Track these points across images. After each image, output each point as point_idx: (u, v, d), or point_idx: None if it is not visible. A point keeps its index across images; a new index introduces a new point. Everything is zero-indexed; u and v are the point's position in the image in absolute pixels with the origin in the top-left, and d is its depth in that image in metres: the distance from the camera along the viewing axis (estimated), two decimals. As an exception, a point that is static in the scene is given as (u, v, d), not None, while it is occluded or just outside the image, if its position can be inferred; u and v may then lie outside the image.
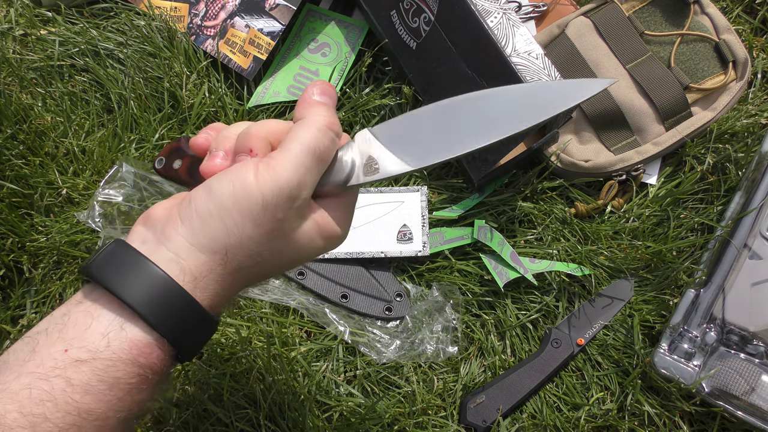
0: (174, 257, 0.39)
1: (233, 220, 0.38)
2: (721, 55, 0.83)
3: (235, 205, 0.38)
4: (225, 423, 0.72)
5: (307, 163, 0.39)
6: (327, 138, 0.41)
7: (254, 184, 0.38)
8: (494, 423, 0.73)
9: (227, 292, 0.41)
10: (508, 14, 0.77)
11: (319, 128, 0.40)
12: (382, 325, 0.79)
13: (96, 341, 0.36)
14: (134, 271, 0.38)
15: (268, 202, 0.38)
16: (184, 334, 0.39)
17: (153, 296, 0.37)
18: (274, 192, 0.38)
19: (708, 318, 0.75)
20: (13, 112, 0.81)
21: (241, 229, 0.38)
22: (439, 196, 0.84)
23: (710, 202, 0.84)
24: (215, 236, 0.39)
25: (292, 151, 0.39)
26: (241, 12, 0.88)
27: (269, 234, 0.39)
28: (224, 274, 0.39)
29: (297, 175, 0.39)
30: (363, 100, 0.86)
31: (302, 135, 0.40)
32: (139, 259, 0.38)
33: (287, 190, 0.39)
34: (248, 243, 0.39)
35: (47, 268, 0.78)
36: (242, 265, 0.40)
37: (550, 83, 0.42)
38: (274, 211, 0.39)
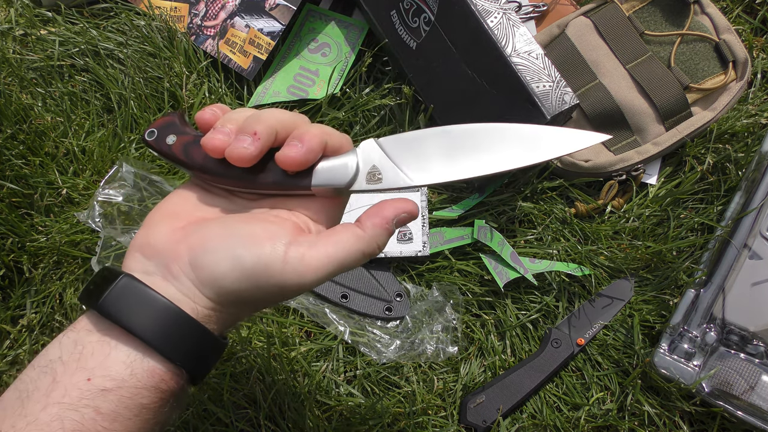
0: (185, 298, 0.39)
1: (246, 290, 0.39)
2: (721, 55, 0.83)
3: (252, 277, 0.39)
4: (225, 423, 0.72)
5: (333, 271, 0.40)
6: (361, 258, 0.41)
7: (280, 268, 0.39)
8: (494, 423, 0.73)
9: (235, 320, 0.42)
10: (508, 14, 0.77)
11: (364, 252, 0.41)
12: (382, 325, 0.79)
13: (120, 370, 0.37)
14: (148, 307, 0.38)
15: (286, 290, 0.39)
16: (199, 360, 0.40)
17: (169, 331, 0.38)
18: (297, 287, 0.39)
19: (708, 318, 0.75)
20: (13, 112, 0.81)
21: (250, 296, 0.40)
22: (439, 196, 0.84)
23: (710, 202, 0.84)
24: (224, 295, 0.39)
25: (331, 254, 0.40)
26: (241, 12, 0.88)
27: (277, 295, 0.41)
28: (231, 311, 0.41)
29: (321, 279, 0.40)
30: (363, 100, 0.86)
31: (351, 245, 0.41)
32: (152, 296, 0.39)
33: (308, 287, 0.40)
34: (255, 302, 0.41)
35: (47, 268, 0.78)
36: (249, 304, 0.41)
37: (558, 130, 0.44)
38: (287, 293, 0.40)
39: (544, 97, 0.74)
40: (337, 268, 0.40)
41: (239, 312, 0.41)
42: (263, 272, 0.39)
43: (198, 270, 0.39)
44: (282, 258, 0.39)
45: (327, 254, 0.40)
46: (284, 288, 0.39)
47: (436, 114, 0.82)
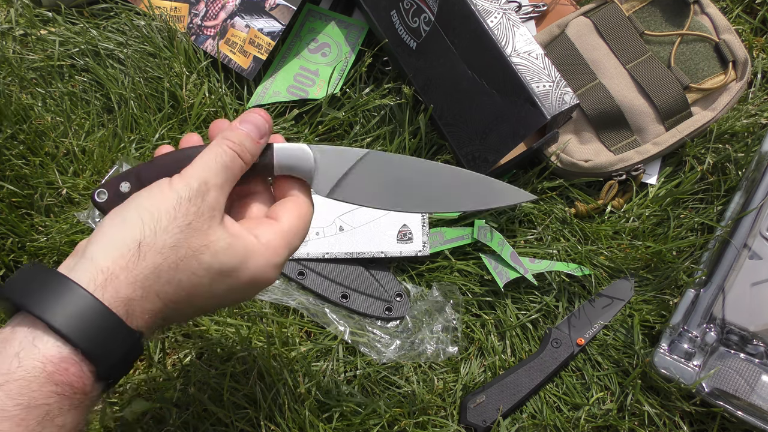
0: (89, 263, 0.38)
1: (149, 214, 0.40)
2: (721, 55, 0.83)
3: (151, 203, 0.41)
4: (225, 423, 0.72)
5: (211, 166, 0.43)
6: (227, 154, 0.44)
7: (167, 187, 0.42)
8: (494, 423, 0.73)
9: (143, 301, 0.39)
10: (508, 14, 0.77)
11: (220, 145, 0.44)
12: (382, 325, 0.79)
13: (8, 363, 0.35)
14: (42, 283, 0.37)
15: (181, 196, 0.41)
16: (99, 344, 0.37)
17: (62, 304, 0.36)
18: (186, 187, 0.41)
19: (708, 318, 0.75)
20: (13, 112, 0.81)
21: (156, 222, 0.40)
22: (439, 196, 0.84)
23: (710, 202, 0.84)
24: (129, 232, 0.39)
25: (198, 159, 0.44)
26: (241, 12, 0.88)
27: (186, 227, 0.40)
28: (137, 275, 0.39)
29: (203, 173, 0.43)
30: (363, 100, 0.86)
31: (208, 149, 0.45)
32: (47, 272, 0.38)
33: (195, 184, 0.42)
34: (163, 236, 0.40)
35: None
36: (157, 265, 0.39)
37: (494, 183, 0.50)
38: (187, 205, 0.41)
39: (544, 97, 0.74)
40: (214, 163, 0.43)
41: (150, 278, 0.39)
42: (157, 193, 0.41)
43: (103, 226, 0.41)
44: (168, 181, 0.43)
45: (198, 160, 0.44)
46: (181, 199, 0.41)
47: (436, 114, 0.82)
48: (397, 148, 0.85)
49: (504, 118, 0.76)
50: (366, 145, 0.86)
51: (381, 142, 0.86)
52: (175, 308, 0.41)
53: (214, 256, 0.41)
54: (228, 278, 0.42)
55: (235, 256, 0.42)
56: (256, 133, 0.46)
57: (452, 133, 0.81)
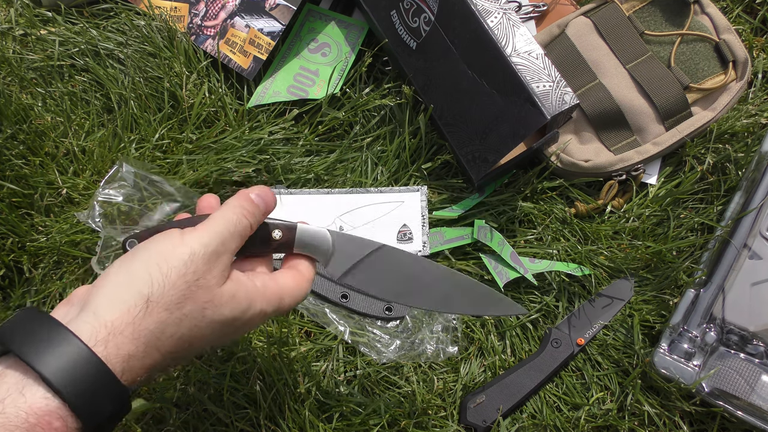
0: (91, 316, 0.38)
1: (158, 269, 0.40)
2: (721, 55, 0.83)
3: (161, 256, 0.41)
4: (225, 423, 0.72)
5: (231, 231, 0.45)
6: (244, 220, 0.46)
7: (180, 241, 0.42)
8: (494, 423, 0.73)
9: (144, 358, 0.39)
10: (508, 14, 0.77)
11: (237, 213, 0.46)
12: (382, 325, 0.79)
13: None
14: (40, 332, 0.37)
15: (195, 253, 0.42)
16: (89, 400, 0.36)
17: (57, 355, 0.35)
18: (202, 245, 0.42)
19: (708, 318, 0.75)
20: (13, 112, 0.81)
21: (164, 278, 0.40)
22: (439, 196, 0.84)
23: (710, 202, 0.84)
24: (136, 285, 0.39)
25: (220, 223, 0.45)
26: (241, 12, 0.88)
27: (194, 284, 0.41)
28: (143, 330, 0.38)
29: (222, 237, 0.44)
30: (363, 100, 0.86)
31: (225, 212, 0.46)
32: (46, 320, 0.37)
33: (214, 246, 0.43)
34: (171, 292, 0.40)
35: (47, 268, 0.78)
36: (162, 321, 0.39)
37: (493, 294, 0.55)
38: (200, 263, 0.42)
39: (544, 97, 0.74)
40: (230, 226, 0.45)
41: (154, 334, 0.39)
42: (168, 247, 0.41)
43: (108, 276, 0.40)
44: (179, 234, 0.43)
45: (213, 218, 0.45)
46: (193, 256, 0.41)
47: (436, 114, 0.82)
48: (397, 148, 0.85)
49: (504, 118, 0.76)
50: (366, 146, 0.86)
51: (381, 142, 0.86)
52: (173, 358, 0.42)
53: (218, 309, 0.42)
54: (227, 327, 0.44)
55: (238, 306, 0.44)
56: (264, 210, 0.49)
57: (452, 133, 0.81)
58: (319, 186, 0.85)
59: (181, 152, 0.83)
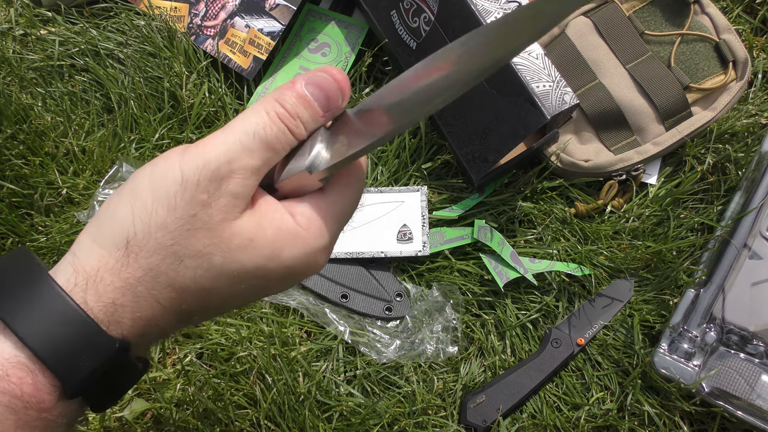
0: (71, 258, 0.32)
1: (142, 204, 0.31)
2: (721, 55, 0.83)
3: (149, 186, 0.31)
4: (225, 423, 0.72)
5: (246, 142, 0.31)
6: (276, 126, 0.32)
7: (176, 161, 0.31)
8: (494, 423, 0.73)
9: (137, 309, 0.32)
10: (508, 14, 0.77)
11: (268, 112, 0.32)
12: (382, 325, 0.79)
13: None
14: (16, 275, 0.32)
15: (188, 179, 0.31)
16: (64, 352, 0.30)
17: (30, 302, 0.30)
18: (198, 167, 0.31)
19: (708, 318, 0.75)
20: (13, 112, 0.81)
21: (149, 215, 0.31)
22: (439, 196, 0.84)
23: (710, 202, 0.84)
24: (118, 225, 0.31)
25: (230, 128, 0.32)
26: (241, 12, 0.88)
27: (188, 222, 0.31)
28: (127, 278, 0.31)
29: (230, 151, 0.31)
30: (363, 100, 0.86)
31: (248, 115, 0.32)
32: (27, 264, 0.32)
33: (214, 165, 0.31)
34: (158, 233, 0.31)
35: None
36: (152, 266, 0.31)
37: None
38: (194, 191, 0.31)
39: (544, 97, 0.74)
40: (251, 136, 0.32)
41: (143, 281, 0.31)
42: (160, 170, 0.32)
43: (97, 214, 0.33)
44: (181, 151, 0.32)
45: (229, 126, 0.32)
46: (186, 183, 0.31)
47: (435, 114, 0.82)
48: (397, 148, 0.85)
49: (504, 118, 0.76)
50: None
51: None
52: (184, 313, 0.33)
53: (228, 256, 0.32)
54: (252, 278, 0.33)
55: (260, 253, 0.32)
56: (323, 103, 0.33)
57: (452, 133, 0.81)
58: (319, 186, 0.85)
59: (181, 152, 0.83)
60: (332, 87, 0.33)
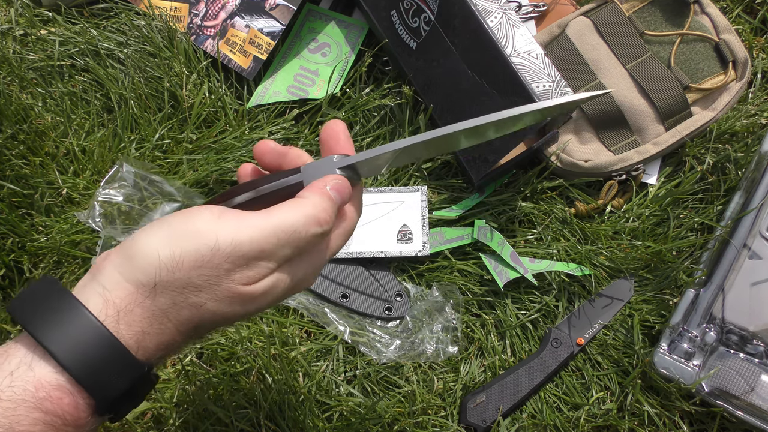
0: (100, 289, 0.35)
1: (169, 254, 0.35)
2: (721, 55, 0.83)
3: (182, 237, 0.35)
4: (225, 423, 0.72)
5: (280, 238, 0.36)
6: (311, 231, 0.37)
7: (213, 226, 0.35)
8: (494, 423, 0.73)
9: (160, 335, 0.36)
10: (508, 14, 0.77)
11: (308, 216, 0.37)
12: (382, 325, 0.79)
13: (0, 380, 0.33)
14: (51, 304, 0.35)
15: (220, 249, 0.35)
16: (100, 376, 0.34)
17: (66, 329, 0.34)
18: (232, 242, 0.35)
19: (708, 318, 0.75)
20: (13, 112, 0.81)
21: (176, 264, 0.35)
22: (439, 196, 0.84)
23: (710, 202, 0.84)
24: (144, 267, 0.35)
25: (270, 219, 0.37)
26: (241, 12, 0.88)
27: (210, 279, 0.35)
28: (154, 310, 0.35)
29: (263, 242, 0.36)
30: (363, 100, 0.86)
31: (289, 212, 0.37)
32: (57, 292, 0.35)
33: (246, 249, 0.35)
34: (183, 278, 0.35)
35: (47, 268, 0.78)
36: (177, 302, 0.36)
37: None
38: (222, 260, 0.35)
39: (544, 97, 0.74)
40: (285, 234, 0.36)
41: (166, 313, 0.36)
42: (193, 225, 0.35)
43: (122, 249, 0.36)
44: (218, 213, 0.36)
45: (270, 216, 0.37)
46: (217, 251, 0.34)
47: (435, 114, 0.82)
48: (397, 148, 0.85)
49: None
50: (366, 146, 0.86)
51: (381, 142, 0.86)
52: (197, 334, 0.38)
53: (245, 304, 0.37)
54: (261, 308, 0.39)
55: (271, 298, 0.38)
56: (339, 201, 0.40)
57: (452, 133, 0.81)
58: (319, 186, 0.84)
59: (181, 152, 0.83)
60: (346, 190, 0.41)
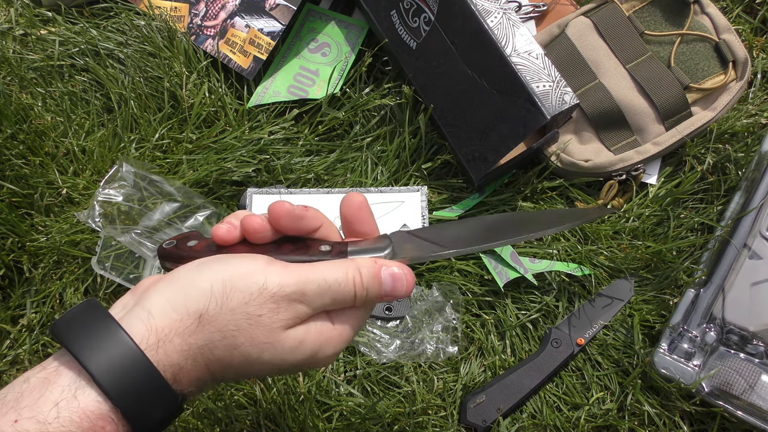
0: (145, 315, 0.36)
1: (222, 288, 0.37)
2: (721, 54, 0.83)
3: (232, 275, 0.37)
4: (225, 423, 0.72)
5: (322, 286, 0.39)
6: (348, 287, 0.40)
7: (263, 269, 0.38)
8: (494, 423, 0.73)
9: (192, 370, 0.37)
10: (508, 14, 0.77)
11: (348, 274, 0.40)
12: (382, 325, 0.79)
13: (46, 411, 0.33)
14: (95, 330, 0.36)
15: (268, 288, 0.37)
16: (141, 405, 0.35)
17: (109, 355, 0.35)
18: (279, 283, 0.37)
19: (708, 318, 0.75)
20: (13, 112, 0.81)
21: (225, 299, 0.37)
22: (439, 196, 0.84)
23: (710, 202, 0.84)
24: (195, 296, 0.37)
25: (315, 272, 0.39)
26: (241, 12, 0.88)
27: (253, 318, 0.37)
28: (192, 344, 0.37)
29: (307, 286, 0.38)
30: (363, 100, 0.86)
31: (333, 268, 0.40)
32: (102, 318, 0.36)
33: (291, 290, 0.38)
34: (227, 317, 0.37)
35: (47, 267, 0.78)
36: (213, 341, 0.37)
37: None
38: (268, 298, 0.37)
39: (544, 97, 0.74)
40: (327, 288, 0.39)
41: (203, 350, 0.37)
42: (245, 267, 0.38)
43: (172, 278, 0.38)
44: (267, 261, 0.38)
45: (315, 269, 0.39)
46: (264, 290, 0.37)
47: (436, 114, 0.82)
48: (397, 148, 0.85)
49: (504, 118, 0.76)
50: (366, 146, 0.86)
51: (381, 142, 0.86)
52: (222, 378, 0.40)
53: (278, 353, 0.38)
54: (285, 369, 0.40)
55: (304, 353, 0.39)
56: (389, 287, 0.41)
57: (452, 133, 0.81)
58: (319, 186, 0.85)
59: (181, 152, 0.83)
60: (404, 284, 0.42)
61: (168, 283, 0.38)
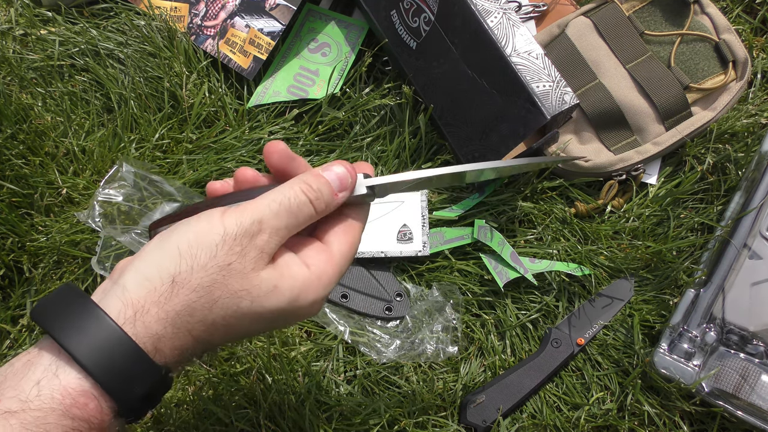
0: (120, 291, 0.37)
1: (188, 247, 0.38)
2: (721, 54, 0.83)
3: (195, 236, 0.38)
4: (225, 423, 0.72)
5: (274, 208, 0.39)
6: (300, 197, 0.40)
7: (219, 219, 0.39)
8: (494, 423, 0.73)
9: (174, 339, 0.38)
10: (508, 14, 0.77)
11: (293, 187, 0.41)
12: (382, 325, 0.79)
13: (28, 389, 0.34)
14: (72, 310, 0.36)
15: (228, 233, 0.38)
16: (121, 379, 0.36)
17: (87, 334, 0.35)
18: (236, 223, 0.38)
19: (708, 318, 0.75)
20: (13, 112, 0.81)
21: (194, 258, 0.37)
22: (439, 196, 0.84)
23: (710, 202, 0.84)
24: (165, 263, 0.37)
25: (265, 199, 0.40)
26: (241, 12, 0.88)
27: (225, 268, 0.37)
28: (169, 311, 0.37)
29: (260, 213, 0.39)
30: (363, 100, 0.86)
31: (280, 188, 0.41)
32: (79, 298, 0.37)
33: (248, 223, 0.38)
34: (200, 274, 0.37)
35: (47, 267, 0.78)
36: (190, 303, 0.37)
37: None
38: (232, 243, 0.38)
39: (544, 97, 0.74)
40: (280, 206, 0.39)
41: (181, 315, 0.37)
42: (205, 224, 0.38)
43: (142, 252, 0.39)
44: (221, 211, 0.39)
45: (265, 196, 0.40)
46: (226, 236, 0.38)
47: (436, 114, 0.82)
48: (397, 148, 0.85)
49: (504, 118, 0.76)
50: (366, 146, 0.86)
51: (381, 142, 0.86)
52: (209, 343, 0.40)
53: (255, 300, 0.38)
54: (271, 320, 0.40)
55: (281, 298, 0.39)
56: (337, 185, 0.42)
57: (452, 133, 0.81)
58: (319, 186, 0.84)
59: (181, 152, 0.83)
60: (344, 173, 0.42)
61: (139, 257, 0.39)
